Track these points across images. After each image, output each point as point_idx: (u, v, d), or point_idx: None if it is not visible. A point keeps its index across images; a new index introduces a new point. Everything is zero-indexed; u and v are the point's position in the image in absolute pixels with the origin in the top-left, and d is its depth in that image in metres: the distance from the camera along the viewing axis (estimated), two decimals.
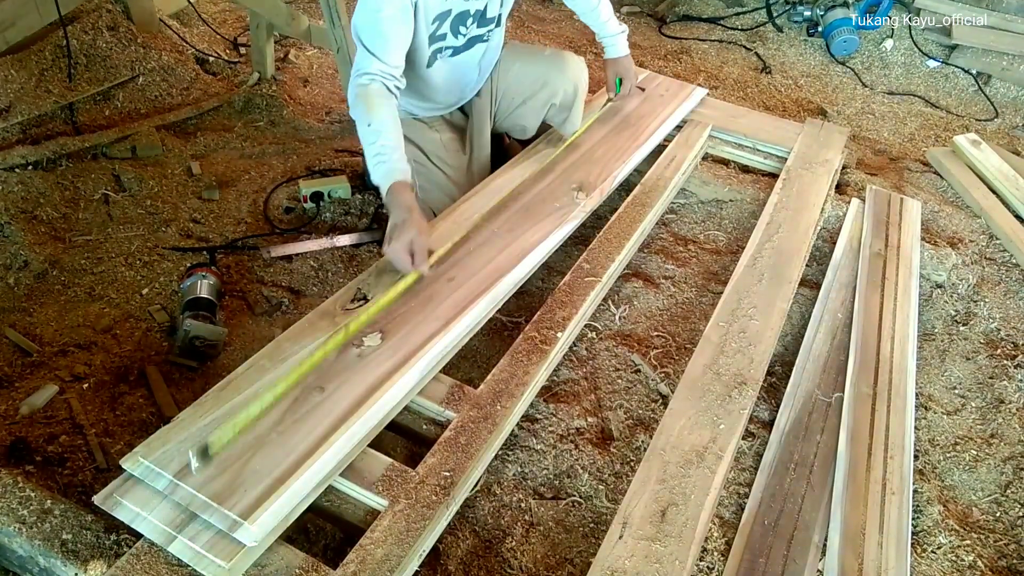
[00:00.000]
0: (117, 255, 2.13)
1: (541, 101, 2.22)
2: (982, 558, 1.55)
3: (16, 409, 1.64)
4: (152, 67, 2.85)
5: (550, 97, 2.21)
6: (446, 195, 2.13)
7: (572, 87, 2.22)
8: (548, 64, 2.22)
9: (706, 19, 4.00)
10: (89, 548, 1.29)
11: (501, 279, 1.75)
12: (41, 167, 2.38)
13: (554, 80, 2.19)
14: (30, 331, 1.86)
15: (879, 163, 2.91)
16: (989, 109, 3.41)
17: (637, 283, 2.12)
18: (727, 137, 2.61)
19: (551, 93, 2.20)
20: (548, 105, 2.23)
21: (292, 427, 1.33)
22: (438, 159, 2.13)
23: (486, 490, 1.58)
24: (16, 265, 2.04)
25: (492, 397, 1.57)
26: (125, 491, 1.25)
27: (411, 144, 2.09)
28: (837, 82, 3.55)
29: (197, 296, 1.89)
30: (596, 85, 3.21)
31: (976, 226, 2.49)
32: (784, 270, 2.03)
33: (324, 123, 2.94)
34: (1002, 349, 2.06)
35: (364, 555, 1.25)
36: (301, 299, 2.05)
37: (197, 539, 1.19)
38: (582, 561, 1.47)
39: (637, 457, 1.65)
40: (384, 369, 1.48)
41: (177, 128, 2.74)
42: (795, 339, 1.97)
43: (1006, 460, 1.77)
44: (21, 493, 1.34)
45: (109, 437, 1.62)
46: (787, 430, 1.68)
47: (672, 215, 2.44)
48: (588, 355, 1.90)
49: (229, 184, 2.49)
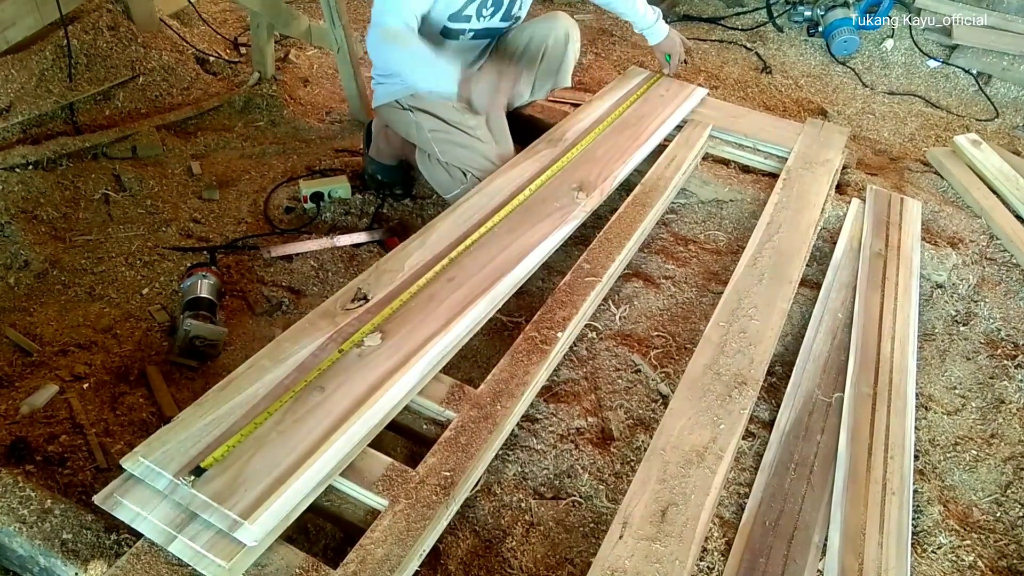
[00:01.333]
0: (117, 255, 2.13)
1: (534, 49, 2.30)
2: (982, 558, 1.55)
3: (16, 409, 1.64)
4: (152, 67, 2.85)
5: (542, 42, 2.30)
6: (471, 150, 2.17)
7: (563, 33, 2.32)
8: (539, 19, 2.34)
9: (706, 19, 4.00)
10: (89, 548, 1.29)
11: (501, 279, 1.75)
12: (41, 167, 2.38)
13: (544, 28, 2.31)
14: (30, 331, 1.86)
15: (879, 163, 2.91)
16: (989, 109, 3.41)
17: (637, 283, 2.12)
18: (727, 137, 2.61)
19: (543, 38, 2.30)
20: (542, 50, 2.31)
21: (292, 427, 1.33)
22: (455, 121, 2.17)
23: (486, 490, 1.58)
24: (16, 265, 2.04)
25: (492, 397, 1.57)
26: (125, 491, 1.25)
27: (425, 114, 2.17)
28: (837, 82, 3.55)
29: (197, 296, 1.89)
30: (597, 85, 3.21)
31: (976, 226, 2.48)
32: (784, 270, 2.03)
33: (324, 123, 2.94)
34: (1002, 349, 2.06)
35: (364, 555, 1.25)
36: (301, 299, 2.05)
37: (197, 539, 1.19)
38: (582, 561, 1.47)
39: (637, 457, 1.65)
40: (384, 369, 1.48)
41: (177, 128, 2.75)
42: (795, 339, 1.97)
43: (1006, 460, 1.77)
44: (21, 493, 1.34)
45: (109, 437, 1.62)
46: (787, 430, 1.68)
47: (672, 215, 2.44)
48: (588, 355, 1.90)
49: (229, 184, 2.49)
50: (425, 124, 2.17)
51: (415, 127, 2.20)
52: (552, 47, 2.33)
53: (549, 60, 2.35)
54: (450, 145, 2.16)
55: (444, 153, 2.18)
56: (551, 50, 2.34)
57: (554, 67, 2.37)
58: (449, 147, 2.17)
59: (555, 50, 2.34)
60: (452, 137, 2.16)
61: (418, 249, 1.81)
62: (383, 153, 2.44)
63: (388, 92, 2.24)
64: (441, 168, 2.21)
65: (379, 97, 2.28)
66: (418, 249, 1.81)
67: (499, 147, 2.23)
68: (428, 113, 2.17)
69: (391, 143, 2.40)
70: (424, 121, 2.17)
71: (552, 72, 2.39)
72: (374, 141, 2.45)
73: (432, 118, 2.17)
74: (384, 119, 2.34)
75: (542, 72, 2.38)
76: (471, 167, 2.17)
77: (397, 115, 2.25)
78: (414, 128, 2.21)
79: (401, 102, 2.21)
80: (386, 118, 2.32)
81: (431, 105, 2.16)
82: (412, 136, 2.26)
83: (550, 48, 2.33)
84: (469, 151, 2.16)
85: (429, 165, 2.26)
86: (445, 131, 2.16)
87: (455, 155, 2.17)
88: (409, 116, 2.20)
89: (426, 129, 2.18)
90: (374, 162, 2.46)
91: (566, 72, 2.42)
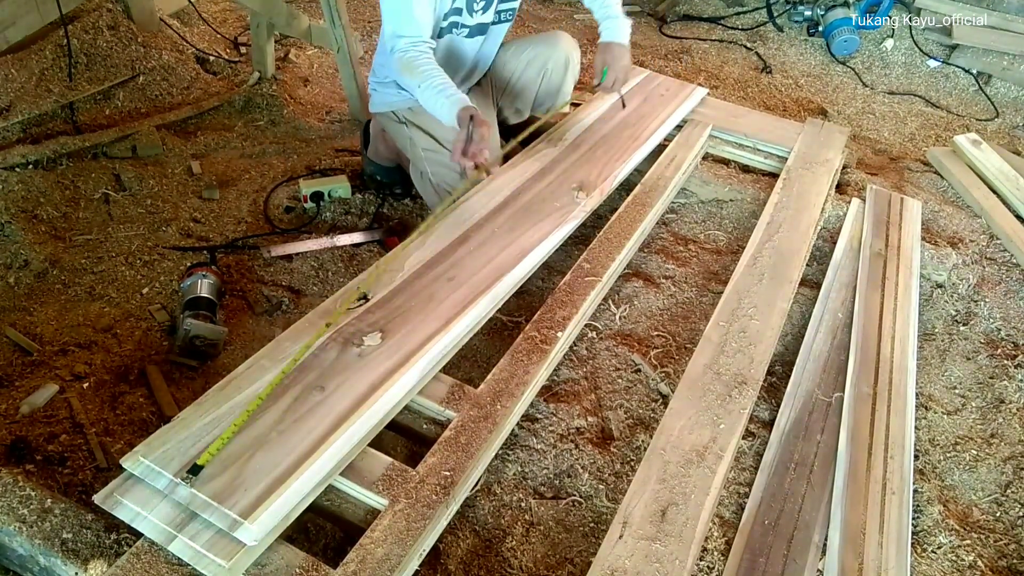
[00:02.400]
0: (117, 254, 2.13)
1: (533, 72, 2.29)
2: (982, 558, 1.55)
3: (16, 408, 1.64)
4: (152, 66, 2.85)
5: (542, 67, 2.29)
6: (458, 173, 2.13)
7: (563, 57, 2.31)
8: (540, 41, 2.34)
9: (707, 19, 4.00)
10: (89, 547, 1.29)
11: (501, 279, 1.75)
12: (41, 166, 2.38)
13: (544, 53, 2.30)
14: (30, 330, 1.86)
15: (879, 163, 2.91)
16: (990, 109, 3.41)
17: (637, 283, 2.12)
18: (727, 137, 2.61)
19: (543, 63, 2.29)
20: (541, 74, 2.30)
21: (292, 426, 1.33)
22: (447, 141, 2.13)
23: (486, 489, 1.58)
24: (16, 264, 2.04)
25: (492, 396, 1.57)
26: (125, 490, 1.25)
27: (420, 131, 2.16)
28: (837, 82, 3.55)
29: (197, 295, 1.88)
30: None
31: (976, 226, 2.49)
32: (784, 270, 2.03)
33: (324, 122, 2.94)
34: (1002, 349, 2.06)
35: (364, 554, 1.25)
36: (301, 299, 2.05)
37: (197, 538, 1.19)
38: (582, 561, 1.47)
39: (637, 457, 1.65)
40: (384, 368, 1.48)
41: (177, 127, 2.74)
42: (795, 339, 1.97)
43: (1006, 460, 1.77)
44: (21, 492, 1.34)
45: (109, 436, 1.62)
46: (787, 430, 1.68)
47: (672, 215, 2.44)
48: (588, 355, 1.90)
49: (229, 184, 2.49)
50: (419, 142, 2.15)
51: (409, 142, 2.19)
52: (552, 72, 2.32)
53: (548, 85, 2.34)
54: (440, 167, 2.13)
55: (435, 175, 2.15)
56: (550, 75, 2.32)
57: (553, 91, 2.36)
58: (439, 168, 2.13)
59: (554, 75, 2.33)
60: (443, 159, 2.12)
61: (418, 248, 1.81)
62: (381, 154, 2.44)
63: (385, 102, 2.22)
64: (431, 186, 2.19)
65: (376, 104, 2.27)
66: (418, 248, 1.81)
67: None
68: (422, 130, 2.14)
69: (389, 145, 2.40)
70: (418, 138, 2.15)
71: (551, 95, 2.38)
72: (372, 142, 2.45)
73: (426, 136, 2.14)
74: (380, 126, 2.34)
75: (540, 96, 2.37)
76: None
77: (393, 127, 2.24)
78: (408, 143, 2.20)
79: (398, 114, 2.19)
80: (382, 124, 2.31)
81: (425, 122, 2.13)
82: (406, 149, 2.24)
83: (549, 73, 2.32)
84: (459, 176, 2.12)
85: (420, 180, 2.25)
86: (436, 151, 2.13)
87: (443, 177, 2.14)
88: (404, 130, 2.19)
89: (420, 147, 2.15)
90: (372, 163, 2.46)
91: (565, 96, 2.40)
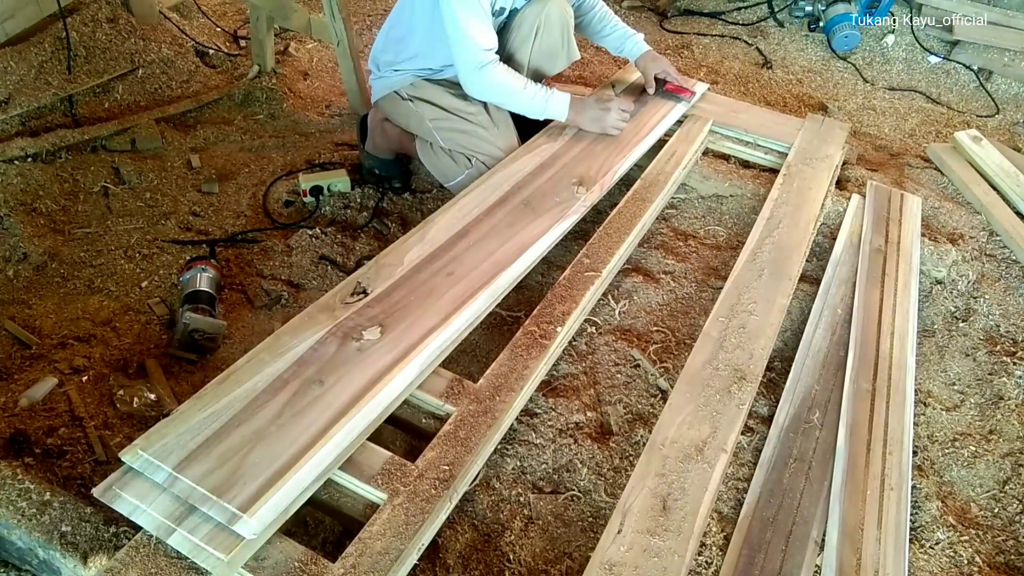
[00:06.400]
0: (116, 248, 2.13)
1: (527, 29, 2.22)
2: (980, 554, 1.55)
3: (15, 401, 1.64)
4: (152, 60, 2.84)
5: (534, 22, 2.21)
6: (473, 136, 2.17)
7: (557, 12, 2.22)
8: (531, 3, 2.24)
9: (707, 14, 3.99)
10: (88, 540, 1.29)
11: (501, 273, 1.75)
12: (40, 159, 2.37)
13: (535, 9, 2.20)
14: (29, 323, 1.86)
15: (880, 159, 2.91)
16: (990, 105, 3.41)
17: (637, 278, 2.12)
18: (728, 132, 2.60)
19: (535, 17, 2.21)
20: (534, 30, 2.22)
21: (291, 420, 1.33)
22: (455, 108, 2.18)
23: (485, 484, 1.58)
24: (15, 257, 2.04)
25: (491, 391, 1.57)
26: (124, 484, 1.25)
27: (426, 103, 2.18)
28: (838, 77, 3.54)
29: (197, 289, 1.88)
30: (597, 79, 3.20)
31: (976, 222, 2.48)
32: (784, 266, 2.03)
33: (324, 116, 2.94)
34: (1002, 345, 2.06)
35: (363, 548, 1.26)
36: (301, 292, 2.05)
37: (196, 532, 1.19)
38: (581, 555, 1.47)
39: (636, 452, 1.65)
40: (384, 363, 1.47)
41: (177, 121, 2.74)
42: (795, 335, 1.97)
43: (1005, 456, 1.77)
44: (20, 485, 1.34)
45: (108, 430, 1.62)
46: (786, 425, 1.68)
47: (672, 210, 2.43)
48: (588, 350, 1.90)
49: (229, 177, 2.49)
50: (426, 113, 2.19)
51: (416, 117, 2.21)
52: (544, 27, 2.25)
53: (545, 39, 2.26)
54: (451, 132, 2.18)
55: (446, 140, 2.19)
56: (544, 31, 2.25)
57: (555, 46, 2.29)
58: (451, 134, 2.18)
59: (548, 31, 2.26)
60: (453, 124, 2.18)
61: (418, 243, 1.81)
62: (379, 147, 2.44)
63: (387, 84, 2.23)
64: (444, 155, 2.22)
65: (378, 91, 2.27)
66: (418, 243, 1.81)
67: (501, 132, 2.22)
68: (428, 102, 2.19)
69: (388, 137, 2.40)
70: (425, 110, 2.19)
71: (555, 51, 2.31)
72: (370, 136, 2.45)
73: (432, 107, 2.18)
74: (383, 112, 2.34)
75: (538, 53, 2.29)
76: (474, 152, 2.18)
77: (397, 106, 2.25)
78: (415, 118, 2.22)
79: (400, 92, 2.22)
80: (385, 111, 2.32)
81: (431, 94, 2.18)
82: (412, 127, 2.26)
83: (542, 29, 2.25)
84: (470, 136, 2.18)
85: (431, 154, 2.26)
86: (446, 119, 2.18)
87: (457, 141, 2.19)
88: (409, 106, 2.21)
89: (427, 118, 2.19)
90: (371, 156, 2.46)
91: (569, 46, 2.35)
